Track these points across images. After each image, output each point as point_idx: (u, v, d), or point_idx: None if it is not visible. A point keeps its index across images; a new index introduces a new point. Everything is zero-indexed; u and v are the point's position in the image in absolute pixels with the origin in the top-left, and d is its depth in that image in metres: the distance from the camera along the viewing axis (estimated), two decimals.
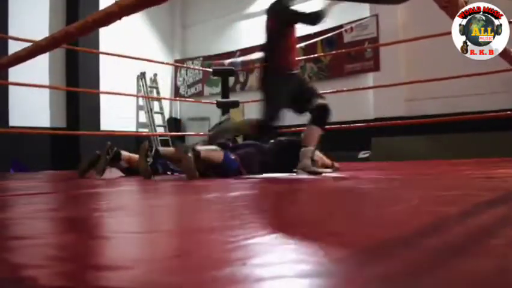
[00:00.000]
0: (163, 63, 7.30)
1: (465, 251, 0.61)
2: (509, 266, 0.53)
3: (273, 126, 2.75)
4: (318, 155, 2.82)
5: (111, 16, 1.02)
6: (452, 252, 0.60)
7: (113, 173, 2.97)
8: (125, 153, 2.84)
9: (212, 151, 2.63)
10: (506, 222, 0.92)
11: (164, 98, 8.31)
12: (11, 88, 5.65)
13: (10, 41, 5.27)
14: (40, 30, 6.03)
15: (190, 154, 2.43)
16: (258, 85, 2.98)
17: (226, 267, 0.53)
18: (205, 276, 0.49)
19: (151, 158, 2.62)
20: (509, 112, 3.86)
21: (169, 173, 2.99)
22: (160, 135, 7.89)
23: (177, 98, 8.50)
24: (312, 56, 6.26)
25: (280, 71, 2.74)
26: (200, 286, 0.46)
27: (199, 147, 2.59)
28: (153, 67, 7.79)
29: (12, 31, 5.48)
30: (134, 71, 7.81)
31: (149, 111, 7.94)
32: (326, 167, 2.83)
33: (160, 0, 0.91)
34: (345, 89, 5.27)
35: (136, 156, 2.76)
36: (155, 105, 8.24)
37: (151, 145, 2.71)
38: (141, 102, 8.00)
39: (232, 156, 2.64)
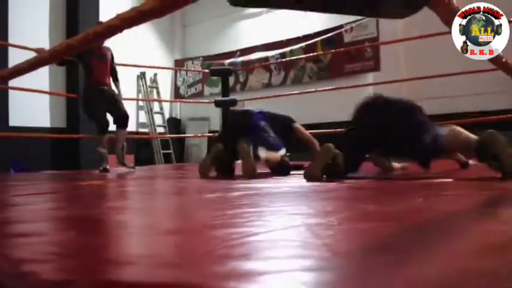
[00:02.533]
0: (162, 68, 7.29)
1: (467, 251, 0.61)
2: (510, 267, 0.53)
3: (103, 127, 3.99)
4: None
5: (112, 29, 1.02)
6: (454, 251, 0.60)
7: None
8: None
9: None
10: (508, 222, 0.92)
11: (163, 100, 8.29)
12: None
13: (10, 47, 5.27)
14: (40, 32, 6.05)
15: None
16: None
17: (229, 262, 0.53)
18: (209, 271, 0.49)
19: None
20: (509, 114, 3.86)
21: None
22: (159, 136, 7.89)
23: (176, 100, 8.49)
24: (312, 54, 6.26)
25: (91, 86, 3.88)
26: (204, 280, 0.46)
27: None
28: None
29: (12, 32, 5.47)
30: (134, 71, 7.80)
31: (149, 111, 7.93)
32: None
33: (159, 14, 0.90)
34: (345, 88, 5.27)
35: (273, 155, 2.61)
36: (155, 105, 8.23)
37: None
38: (141, 102, 7.99)
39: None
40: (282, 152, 2.64)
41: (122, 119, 3.99)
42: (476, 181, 1.80)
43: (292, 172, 2.68)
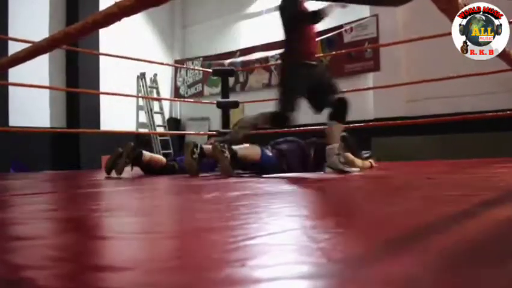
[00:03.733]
0: (162, 63, 7.29)
1: (466, 253, 0.61)
2: (508, 269, 0.53)
3: (288, 117, 2.76)
4: (349, 155, 2.93)
5: (111, 17, 1.01)
6: (453, 254, 0.60)
7: (133, 171, 3.02)
8: (146, 154, 2.88)
9: (249, 149, 2.71)
10: (507, 223, 0.92)
11: (164, 99, 8.30)
12: (11, 88, 5.65)
13: (10, 41, 5.28)
14: (40, 31, 6.05)
15: (226, 153, 2.53)
16: (279, 77, 3.13)
17: (225, 268, 0.53)
18: (204, 277, 0.49)
19: (196, 155, 2.67)
20: (509, 112, 3.86)
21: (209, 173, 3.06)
22: (160, 135, 7.89)
23: (176, 99, 8.49)
24: None
25: (297, 61, 2.80)
26: (199, 287, 0.46)
27: (236, 146, 2.67)
28: (153, 67, 7.79)
29: (12, 31, 5.48)
30: (134, 71, 7.81)
31: (149, 111, 7.93)
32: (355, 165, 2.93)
33: (159, 2, 0.91)
34: (345, 89, 5.26)
35: (157, 156, 2.94)
36: (155, 105, 8.24)
37: (196, 143, 2.73)
38: (141, 102, 7.99)
39: (270, 153, 2.73)
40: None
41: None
42: (474, 181, 1.80)
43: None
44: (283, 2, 2.91)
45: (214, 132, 4.91)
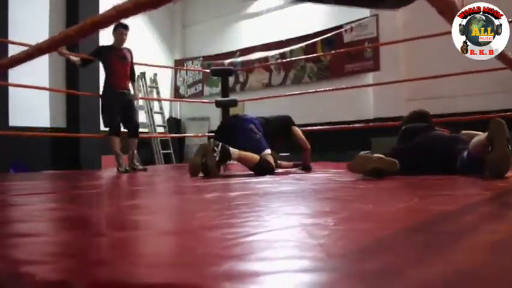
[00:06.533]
0: (161, 66, 7.29)
1: (463, 249, 0.62)
2: (507, 263, 0.53)
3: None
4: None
5: (110, 19, 1.02)
6: (450, 250, 0.60)
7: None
8: (234, 151, 2.65)
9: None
10: (506, 220, 0.92)
11: (164, 99, 8.29)
12: (11, 88, 5.65)
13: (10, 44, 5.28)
14: (40, 31, 6.05)
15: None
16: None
17: (226, 262, 0.53)
18: (205, 272, 0.50)
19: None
20: (509, 112, 3.86)
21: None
22: (159, 135, 7.89)
23: (176, 99, 8.49)
24: (312, 56, 6.26)
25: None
26: (200, 281, 0.46)
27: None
28: (153, 67, 7.79)
29: (12, 32, 5.48)
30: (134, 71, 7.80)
31: (149, 111, 7.93)
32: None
33: (157, 4, 0.91)
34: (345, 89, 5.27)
35: (248, 154, 2.69)
36: (155, 105, 8.24)
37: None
38: (141, 102, 7.98)
39: None
40: (267, 152, 2.74)
41: (134, 128, 4.07)
42: (474, 181, 1.80)
43: (279, 171, 2.74)
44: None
45: (211, 134, 4.90)
